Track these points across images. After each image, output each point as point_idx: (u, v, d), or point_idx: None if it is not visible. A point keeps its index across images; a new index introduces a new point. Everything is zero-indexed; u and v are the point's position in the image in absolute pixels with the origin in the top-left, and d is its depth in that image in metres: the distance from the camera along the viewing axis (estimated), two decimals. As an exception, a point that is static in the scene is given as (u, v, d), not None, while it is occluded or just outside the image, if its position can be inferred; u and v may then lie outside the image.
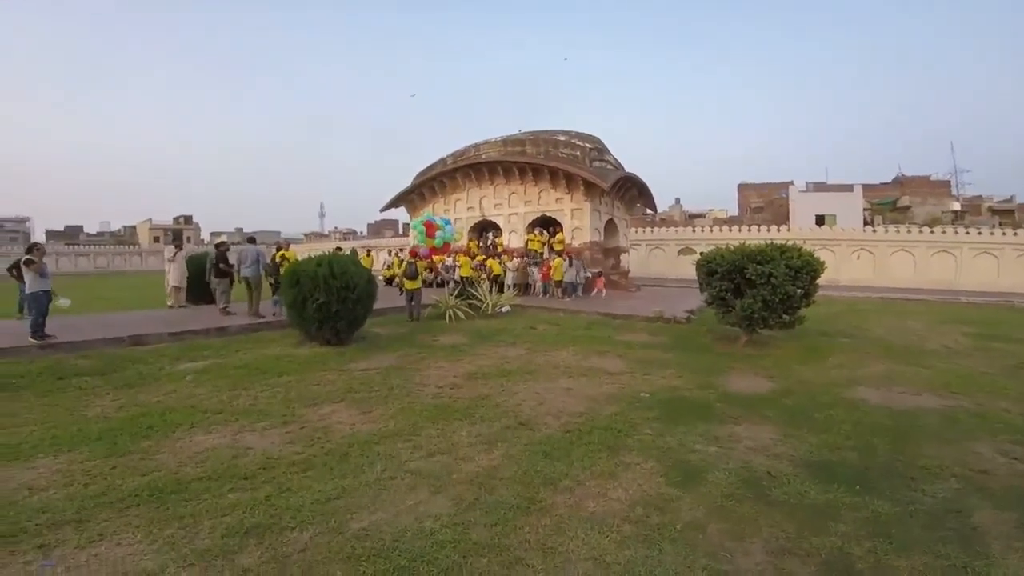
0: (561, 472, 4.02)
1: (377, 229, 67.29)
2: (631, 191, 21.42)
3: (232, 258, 11.35)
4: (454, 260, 17.22)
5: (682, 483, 3.89)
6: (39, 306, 8.09)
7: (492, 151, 19.65)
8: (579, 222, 18.04)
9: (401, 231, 54.06)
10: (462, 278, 14.70)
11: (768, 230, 28.82)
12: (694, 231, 32.16)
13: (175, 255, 12.75)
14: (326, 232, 68.84)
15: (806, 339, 9.66)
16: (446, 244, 14.05)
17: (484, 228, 20.82)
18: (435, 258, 15.22)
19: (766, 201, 49.72)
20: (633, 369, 7.37)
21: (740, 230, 30.36)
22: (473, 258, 18.31)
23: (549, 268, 15.77)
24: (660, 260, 31.29)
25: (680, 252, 30.81)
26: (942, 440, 4.83)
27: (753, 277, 8.60)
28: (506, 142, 19.55)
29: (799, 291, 8.71)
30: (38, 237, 64.69)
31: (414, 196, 22.14)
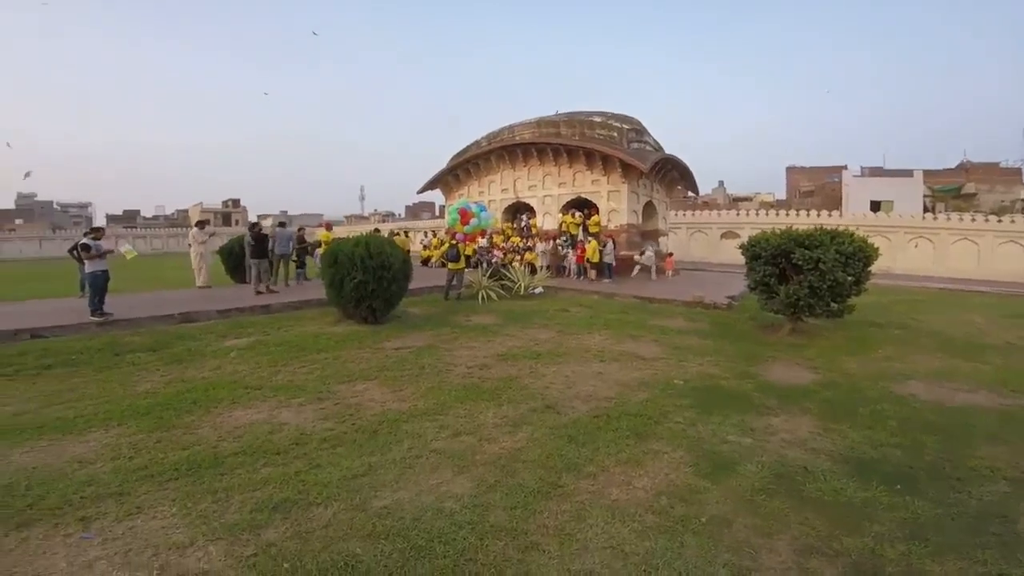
0: (585, 457, 3.99)
1: (414, 211, 68.13)
2: (671, 173, 20.75)
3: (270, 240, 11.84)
4: (488, 241, 17.24)
5: (711, 474, 3.79)
6: (97, 285, 8.62)
7: (526, 133, 19.38)
8: (616, 204, 17.62)
9: (437, 213, 54.58)
10: (495, 260, 14.75)
11: (818, 215, 27.29)
12: (738, 214, 30.76)
13: (211, 236, 13.18)
14: (366, 214, 70.24)
15: (855, 329, 9.16)
16: (477, 233, 14.06)
17: (518, 210, 20.68)
18: (468, 243, 15.27)
19: (817, 185, 47.54)
20: (668, 355, 7.20)
21: (788, 214, 28.87)
22: (507, 239, 18.29)
23: (584, 250, 15.59)
24: (701, 244, 30.27)
25: (723, 236, 29.69)
26: (996, 441, 4.49)
27: (800, 262, 8.17)
28: (540, 123, 19.24)
29: (849, 278, 8.23)
30: (99, 221, 69.01)
31: (449, 178, 22.16)
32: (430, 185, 22.74)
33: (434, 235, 23.66)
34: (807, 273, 8.15)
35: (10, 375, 6.15)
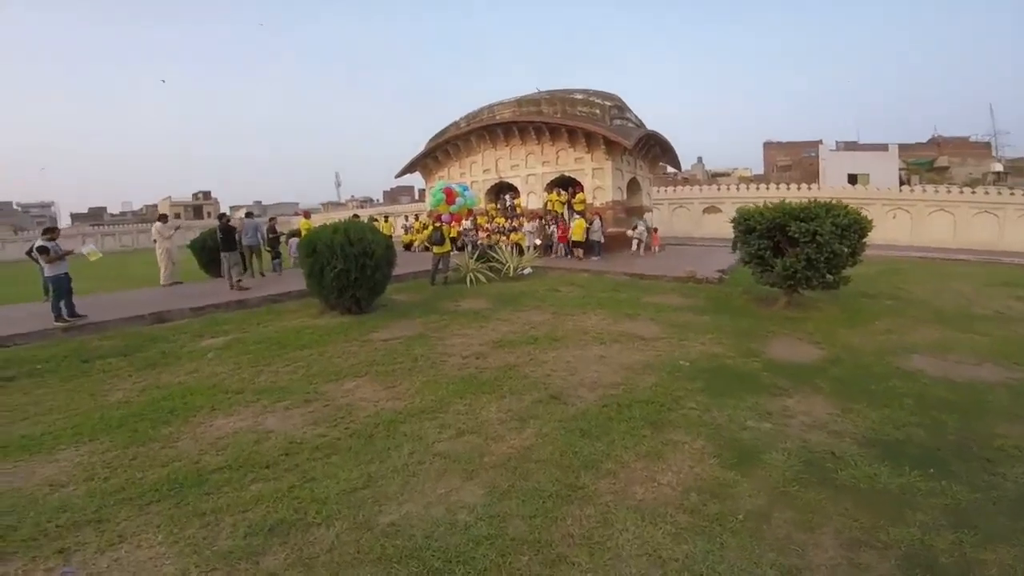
0: (601, 453, 3.73)
1: (393, 196, 66.67)
2: (654, 149, 20.53)
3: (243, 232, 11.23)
4: (472, 223, 16.78)
5: (738, 465, 3.57)
6: (59, 289, 8.01)
7: (506, 112, 18.83)
8: (600, 181, 17.30)
9: (417, 196, 53.48)
10: (481, 242, 14.33)
11: (798, 188, 27.38)
12: (719, 189, 30.83)
13: (176, 230, 12.46)
14: (343, 201, 68.52)
15: (848, 301, 9.09)
16: (468, 211, 13.51)
17: (501, 190, 20.22)
18: (453, 225, 14.76)
19: (794, 160, 48.30)
20: (668, 334, 6.98)
21: (768, 188, 28.97)
22: (491, 220, 17.86)
23: (566, 229, 15.28)
24: (684, 219, 30.31)
25: (705, 211, 29.78)
26: (1013, 417, 4.38)
27: (796, 235, 8.03)
28: (521, 102, 18.72)
29: (846, 250, 8.14)
30: (63, 220, 65.99)
31: (428, 160, 21.50)
32: (408, 168, 22.04)
33: (416, 219, 23.03)
34: (803, 245, 8.03)
35: None
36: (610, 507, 3.06)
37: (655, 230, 19.19)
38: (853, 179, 34.96)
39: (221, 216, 11.63)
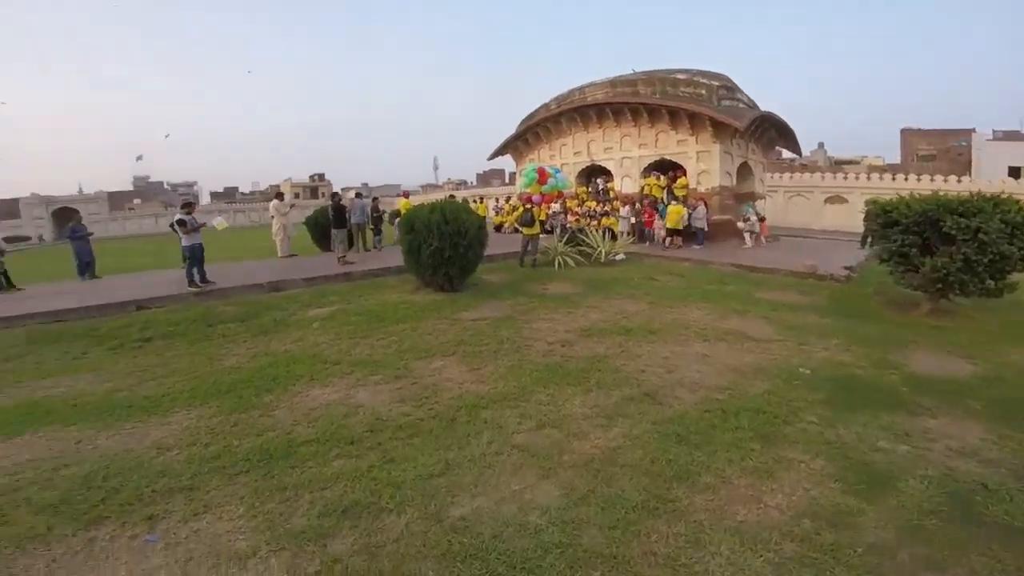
0: (700, 463, 3.33)
1: (485, 179, 67.72)
2: (769, 132, 18.67)
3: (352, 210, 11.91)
4: (561, 206, 16.36)
5: (864, 491, 3.03)
6: (193, 257, 9.00)
7: (599, 93, 18.05)
8: (706, 165, 16.00)
9: (508, 180, 53.83)
10: (569, 225, 13.91)
11: (944, 180, 23.34)
12: (846, 178, 27.30)
13: (291, 207, 13.46)
14: (440, 184, 70.99)
15: (1010, 313, 7.51)
16: (559, 193, 13.12)
17: (592, 173, 19.54)
18: (543, 206, 14.46)
19: (939, 149, 42.23)
20: (784, 336, 6.22)
21: (907, 179, 25.06)
22: (582, 204, 17.33)
23: (652, 214, 14.36)
24: (802, 209, 27.33)
25: (827, 201, 26.63)
26: None
27: (953, 231, 6.77)
28: (615, 83, 17.84)
29: (1016, 252, 6.72)
30: (203, 198, 75.54)
31: (519, 143, 21.34)
32: (500, 151, 22.08)
33: (507, 201, 23.05)
34: (961, 244, 6.78)
35: (114, 348, 6.45)
36: (703, 526, 2.69)
37: (762, 219, 17.46)
38: (1015, 172, 29.22)
39: (334, 195, 12.42)
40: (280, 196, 13.39)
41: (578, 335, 6.16)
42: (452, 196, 11.90)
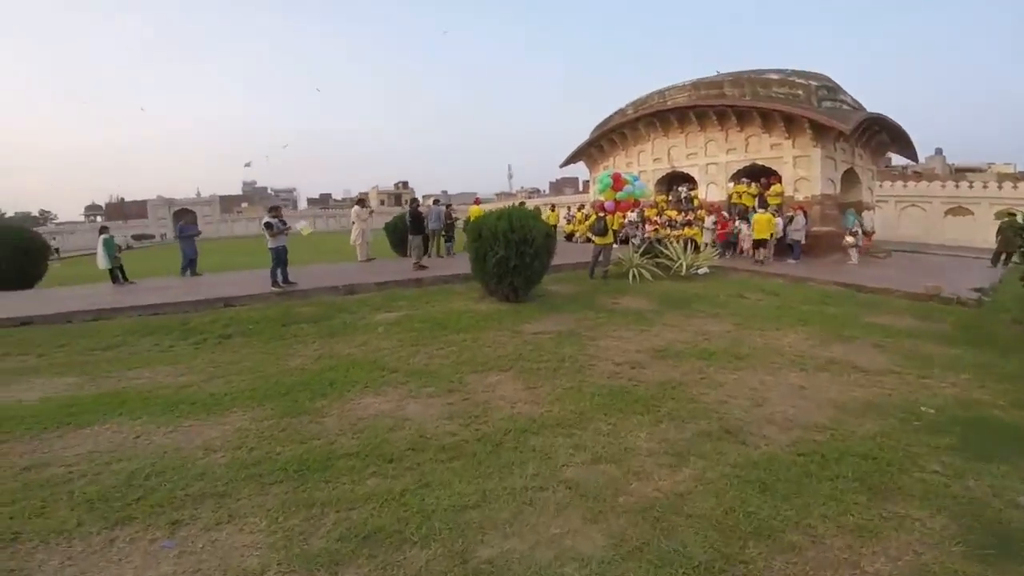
0: (786, 518, 2.73)
1: (558, 187, 67.39)
2: (879, 136, 16.73)
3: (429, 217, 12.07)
4: (639, 215, 15.53)
5: (993, 558, 2.37)
6: (278, 259, 9.48)
7: (681, 96, 17.07)
8: (805, 171, 14.52)
9: (581, 188, 53.08)
10: (647, 235, 13.08)
11: None
12: (971, 186, 23.78)
13: (371, 214, 13.85)
14: (514, 192, 71.71)
15: None
16: (634, 200, 12.32)
17: (673, 181, 18.47)
18: (617, 214, 13.70)
19: None
20: (901, 367, 5.25)
21: None
22: (661, 214, 16.40)
23: (725, 224, 13.19)
24: (916, 221, 24.29)
25: (948, 212, 23.41)
26: None
27: None
28: (699, 85, 16.79)
29: None
30: (301, 203, 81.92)
31: (593, 150, 20.69)
32: (573, 158, 21.56)
33: (579, 209, 22.47)
34: None
35: (198, 343, 6.83)
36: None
37: (870, 233, 15.50)
38: None
39: (412, 202, 12.67)
40: (362, 202, 13.89)
41: (650, 356, 5.57)
42: (522, 203, 11.63)
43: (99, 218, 63.84)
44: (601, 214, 10.78)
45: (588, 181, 22.94)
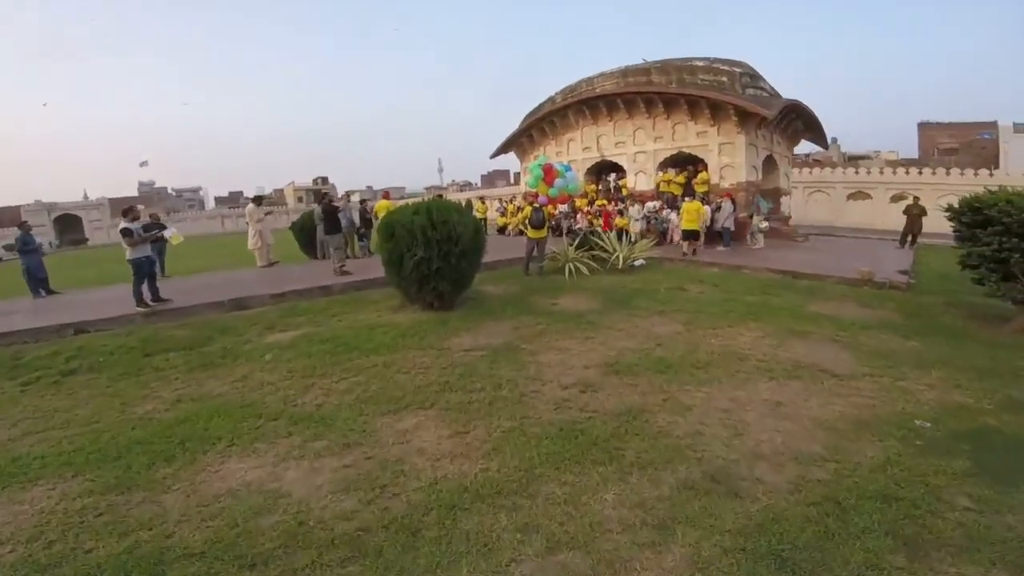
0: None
1: (490, 180, 66.39)
2: (795, 123, 17.23)
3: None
4: (570, 205, 14.86)
5: None
6: (140, 272, 7.64)
7: (609, 84, 16.69)
8: (730, 159, 14.53)
9: (512, 180, 52.47)
10: (580, 226, 12.35)
11: (976, 174, 21.79)
12: (869, 172, 25.84)
13: (265, 215, 12.10)
14: (444, 185, 69.62)
15: None
16: (563, 197, 11.39)
17: (603, 170, 18.11)
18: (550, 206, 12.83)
19: (962, 143, 41.18)
20: (871, 367, 4.73)
21: (935, 173, 23.53)
22: (592, 203, 15.89)
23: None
24: (823, 205, 26.00)
25: (850, 197, 25.27)
26: None
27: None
28: (627, 72, 16.47)
29: None
30: (209, 203, 74.82)
31: (523, 140, 19.93)
32: (503, 148, 20.67)
33: (510, 201, 21.57)
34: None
35: (27, 383, 5.27)
36: None
37: (788, 217, 16.06)
38: (1047, 166, 27.63)
39: (323, 197, 11.05)
40: (257, 200, 12.05)
41: (601, 372, 4.67)
42: (440, 195, 10.46)
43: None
44: (537, 205, 9.87)
45: (519, 173, 22.04)
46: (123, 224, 7.77)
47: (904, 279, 8.79)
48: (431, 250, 6.69)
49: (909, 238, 14.33)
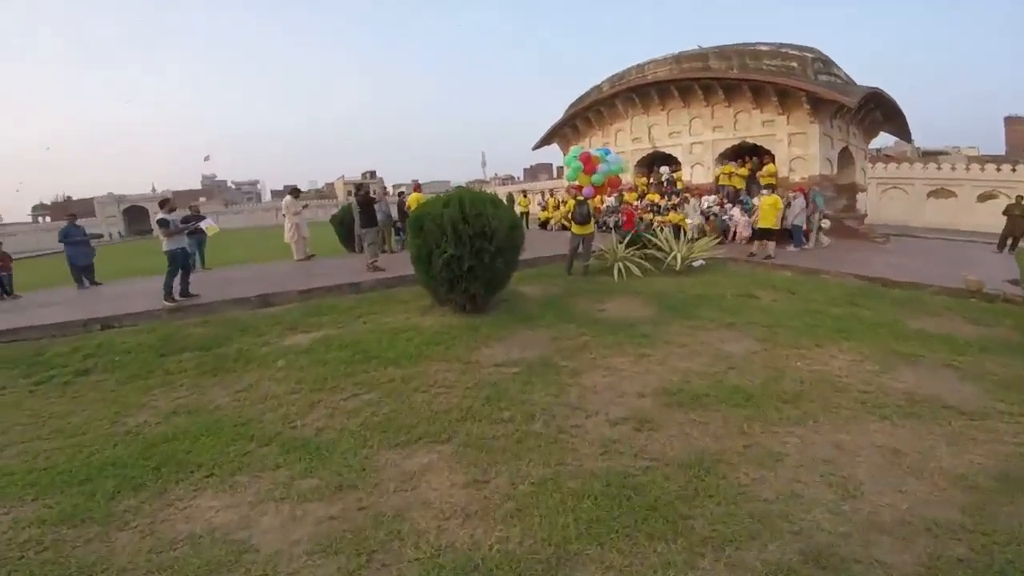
0: None
1: (533, 173, 65.50)
2: (873, 114, 15.48)
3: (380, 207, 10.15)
4: (617, 200, 13.80)
5: None
6: (174, 264, 7.42)
7: (662, 70, 15.46)
8: (801, 150, 13.09)
9: (555, 174, 51.32)
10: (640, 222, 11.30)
11: None
12: (953, 169, 23.32)
13: (305, 206, 11.77)
14: (487, 179, 69.15)
15: None
16: (613, 180, 10.26)
17: (655, 162, 16.88)
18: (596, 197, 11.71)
19: None
20: (1007, 403, 3.72)
21: None
22: (642, 198, 14.79)
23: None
24: (899, 203, 23.83)
25: (930, 194, 22.93)
26: None
27: None
28: (680, 59, 15.20)
29: None
30: (266, 196, 77.80)
31: (567, 130, 18.94)
32: (546, 140, 19.75)
33: (551, 194, 20.64)
34: None
35: (40, 382, 5.01)
36: None
37: (863, 215, 14.53)
38: None
39: (359, 188, 10.64)
40: (295, 192, 11.77)
41: (660, 403, 3.80)
42: (476, 185, 9.76)
43: (47, 218, 59.39)
44: (581, 197, 9.00)
45: (563, 165, 21.15)
46: (160, 215, 7.57)
47: (1018, 291, 7.35)
48: (462, 247, 5.99)
49: (1009, 241, 12.49)
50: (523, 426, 3.45)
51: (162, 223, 7.49)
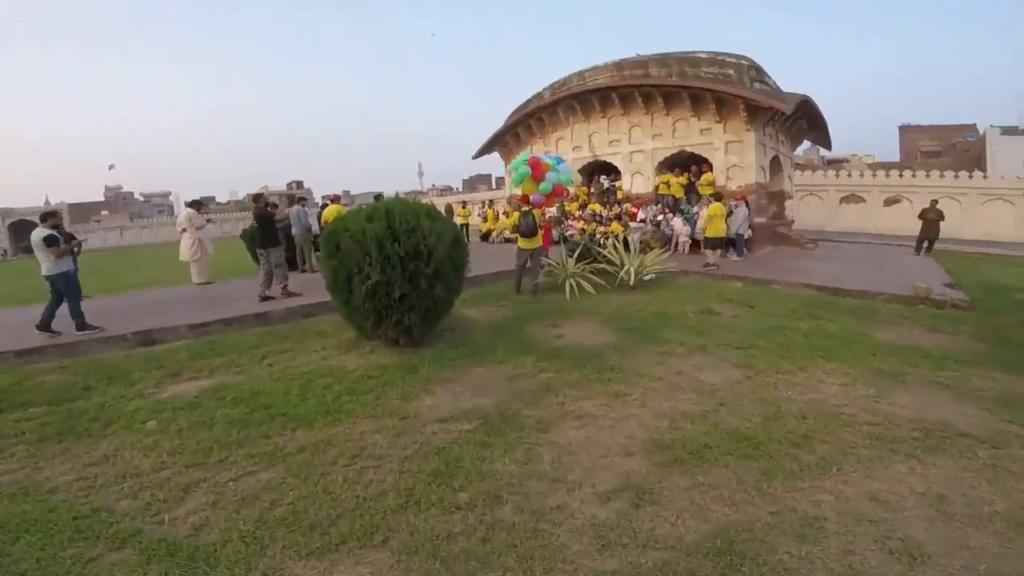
0: None
1: (472, 184, 64.86)
2: (799, 123, 16.15)
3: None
4: (559, 210, 13.20)
5: None
6: (66, 289, 6.16)
7: (602, 77, 15.37)
8: (738, 158, 13.23)
9: (495, 185, 50.92)
10: (571, 234, 10.71)
11: (971, 176, 21.21)
12: (862, 175, 25.33)
13: (208, 220, 10.05)
14: (424, 190, 67.52)
15: None
16: (558, 189, 9.54)
17: (595, 171, 16.70)
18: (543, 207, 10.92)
19: (944, 145, 41.46)
20: (1017, 423, 3.40)
21: (928, 176, 23.01)
22: (584, 207, 14.44)
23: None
24: (815, 209, 25.34)
25: (843, 200, 24.72)
26: None
27: None
28: (621, 66, 15.17)
29: None
30: (179, 209, 71.37)
31: (508, 138, 18.43)
32: (486, 148, 19.09)
33: (490, 205, 19.89)
34: None
35: None
36: None
37: (791, 222, 15.10)
38: (1034, 167, 27.69)
39: (256, 199, 9.01)
40: (196, 204, 10.13)
41: (655, 462, 3.03)
42: (416, 197, 8.76)
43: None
44: (526, 208, 8.26)
45: (503, 176, 20.40)
46: (44, 231, 6.05)
47: (961, 295, 7.48)
48: (391, 271, 4.95)
49: (925, 244, 13.29)
50: (487, 514, 2.56)
51: (50, 240, 6.00)
